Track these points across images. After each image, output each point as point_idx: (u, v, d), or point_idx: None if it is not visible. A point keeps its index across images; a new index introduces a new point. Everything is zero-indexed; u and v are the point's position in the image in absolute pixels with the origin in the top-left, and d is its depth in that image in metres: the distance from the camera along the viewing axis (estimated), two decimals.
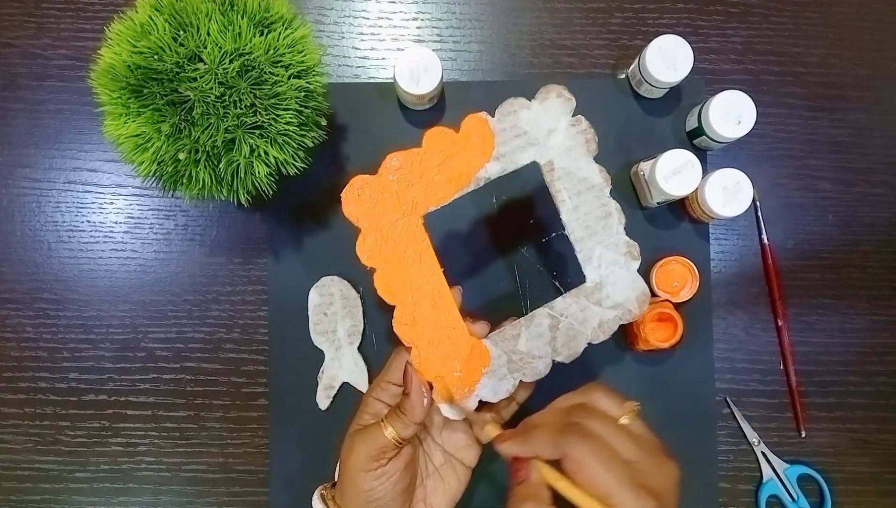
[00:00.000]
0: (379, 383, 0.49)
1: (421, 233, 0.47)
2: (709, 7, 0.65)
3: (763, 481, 0.62)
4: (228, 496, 0.62)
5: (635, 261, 0.50)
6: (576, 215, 0.49)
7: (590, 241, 0.49)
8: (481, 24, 0.65)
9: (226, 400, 0.62)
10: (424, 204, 0.47)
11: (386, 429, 0.46)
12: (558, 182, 0.49)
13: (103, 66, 0.46)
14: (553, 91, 0.49)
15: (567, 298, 0.49)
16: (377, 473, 0.45)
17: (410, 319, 0.47)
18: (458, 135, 0.48)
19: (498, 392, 0.48)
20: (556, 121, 0.49)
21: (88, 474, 0.62)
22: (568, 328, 0.49)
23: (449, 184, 0.47)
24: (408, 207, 0.47)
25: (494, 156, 0.48)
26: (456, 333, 0.47)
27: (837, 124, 0.65)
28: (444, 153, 0.47)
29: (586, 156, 0.49)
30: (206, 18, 0.45)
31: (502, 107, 0.49)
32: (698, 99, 0.62)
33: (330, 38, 0.64)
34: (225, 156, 0.47)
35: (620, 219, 0.49)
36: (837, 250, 0.64)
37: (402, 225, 0.47)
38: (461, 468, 0.51)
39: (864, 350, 0.64)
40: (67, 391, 0.62)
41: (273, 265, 0.62)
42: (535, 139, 0.49)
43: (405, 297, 0.47)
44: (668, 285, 0.61)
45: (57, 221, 0.63)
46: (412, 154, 0.47)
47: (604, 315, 0.49)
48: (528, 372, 0.48)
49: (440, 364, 0.47)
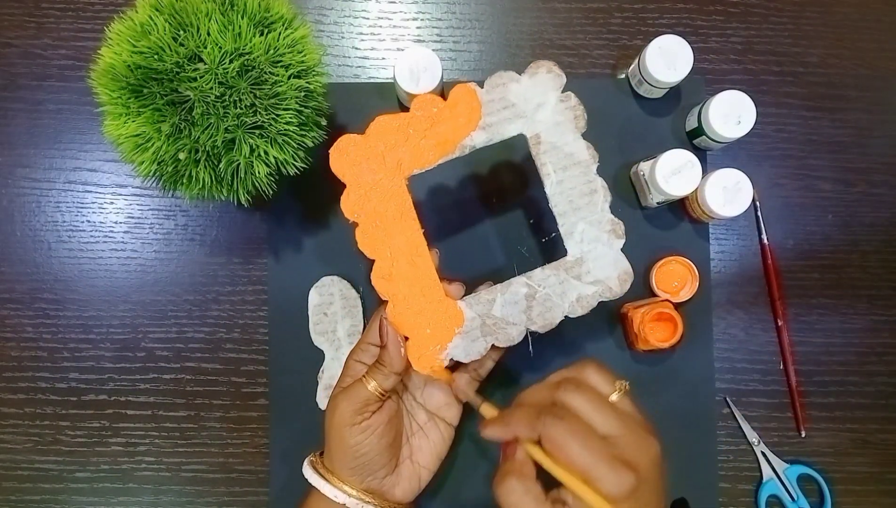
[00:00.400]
0: (360, 344, 0.51)
1: (403, 193, 0.48)
2: (709, 7, 0.65)
3: (763, 481, 0.62)
4: (228, 496, 0.62)
5: (619, 240, 0.50)
6: (560, 189, 0.49)
7: (573, 216, 0.49)
8: (481, 24, 0.65)
9: (226, 400, 0.62)
10: (409, 166, 0.48)
11: (368, 383, 0.47)
12: (544, 155, 0.49)
13: (103, 66, 0.46)
14: (543, 66, 0.50)
15: (546, 269, 0.49)
16: (362, 427, 0.47)
17: (388, 274, 0.48)
18: (445, 102, 0.49)
19: (469, 353, 0.49)
20: (545, 96, 0.49)
21: (88, 474, 0.62)
22: (545, 299, 0.49)
23: (434, 149, 0.48)
24: (392, 168, 0.48)
25: (481, 125, 0.49)
26: (431, 292, 0.48)
27: (837, 124, 0.65)
28: (431, 119, 0.48)
29: (574, 132, 0.49)
30: (206, 18, 0.45)
31: (491, 78, 0.49)
32: (698, 99, 0.62)
33: (330, 38, 0.64)
34: (225, 156, 0.47)
35: (606, 196, 0.50)
36: (837, 250, 0.64)
37: (385, 184, 0.48)
38: (444, 426, 0.53)
39: (864, 350, 0.64)
40: (67, 391, 0.62)
41: (273, 265, 0.62)
42: (522, 112, 0.49)
43: (384, 252, 0.48)
44: (668, 285, 0.61)
45: (57, 221, 0.63)
46: (399, 117, 0.48)
47: (583, 289, 0.49)
48: (501, 336, 0.49)
49: (414, 320, 0.49)
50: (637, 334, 0.58)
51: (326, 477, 0.48)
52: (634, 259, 0.62)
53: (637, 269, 0.62)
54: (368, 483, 0.49)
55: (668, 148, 0.57)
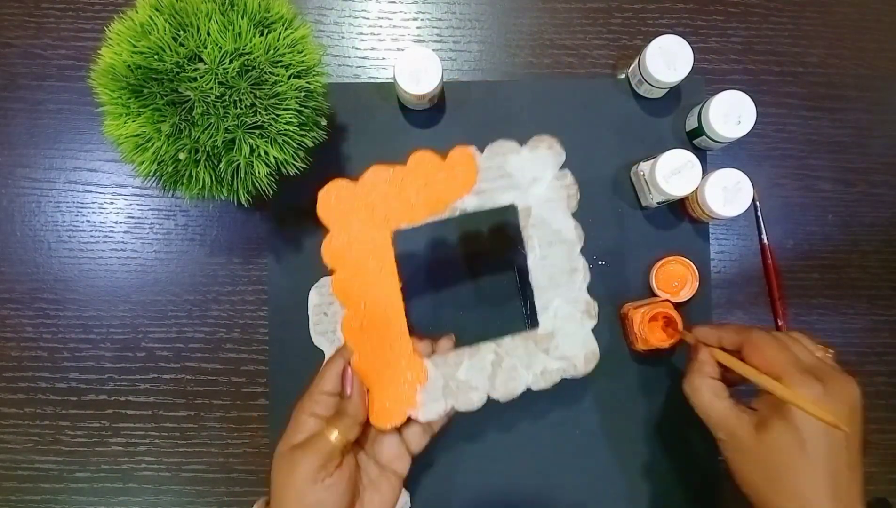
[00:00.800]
0: (311, 396, 0.48)
1: (387, 247, 0.48)
2: (709, 7, 0.65)
3: None
4: (228, 496, 0.62)
5: (591, 321, 0.51)
6: (542, 264, 0.50)
7: (551, 292, 0.50)
8: (481, 24, 0.65)
9: (226, 399, 0.62)
10: (397, 220, 0.48)
11: (331, 434, 0.45)
12: (532, 229, 0.50)
13: (103, 66, 0.46)
14: (545, 142, 0.50)
15: (516, 338, 0.50)
16: (325, 484, 0.44)
17: (358, 324, 0.48)
18: (443, 162, 0.48)
19: (428, 413, 0.49)
20: (543, 172, 0.50)
21: (88, 474, 0.62)
22: (511, 368, 0.49)
23: (425, 206, 0.48)
24: (380, 220, 0.48)
25: (475, 190, 0.49)
26: (400, 347, 0.48)
27: (837, 124, 0.65)
28: (426, 177, 0.48)
29: (565, 210, 0.50)
30: (206, 18, 0.45)
31: (492, 146, 0.50)
32: (698, 99, 0.62)
33: (330, 38, 0.64)
34: (225, 156, 0.47)
35: (586, 277, 0.51)
36: (837, 250, 0.64)
37: (370, 235, 0.48)
38: (394, 478, 0.50)
39: (864, 350, 0.64)
40: (67, 391, 0.62)
41: (273, 265, 0.62)
42: (517, 183, 0.50)
43: (358, 303, 0.48)
44: (668, 285, 0.61)
45: (57, 221, 0.63)
46: (396, 170, 0.48)
47: (549, 364, 0.50)
48: (463, 400, 0.49)
49: (378, 373, 0.48)
50: (637, 334, 0.58)
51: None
52: (635, 259, 0.62)
53: (637, 269, 0.62)
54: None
55: (668, 148, 0.57)
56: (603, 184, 0.63)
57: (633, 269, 0.63)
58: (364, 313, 0.48)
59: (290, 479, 0.44)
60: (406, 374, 0.48)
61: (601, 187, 0.63)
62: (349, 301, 0.48)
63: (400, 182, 0.48)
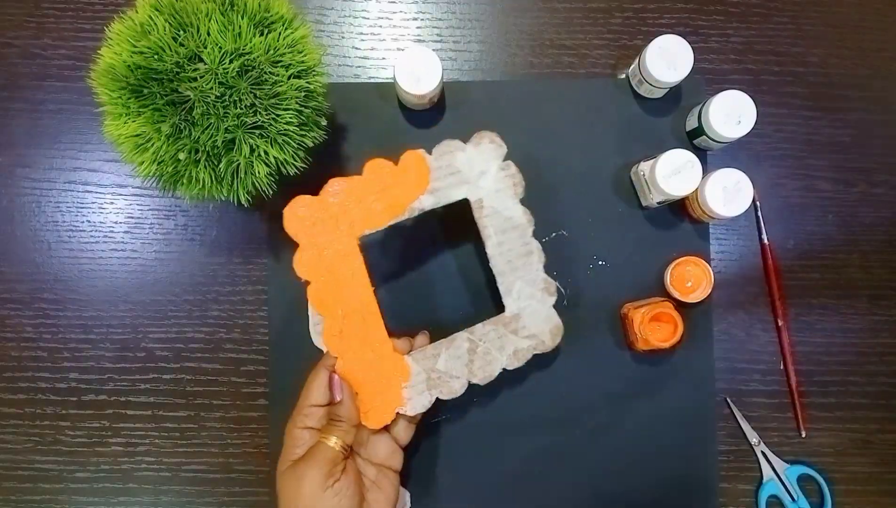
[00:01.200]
0: (301, 411, 0.49)
1: (355, 253, 0.51)
2: (709, 7, 0.65)
3: (763, 481, 0.62)
4: (228, 496, 0.62)
5: (551, 297, 0.54)
6: (500, 250, 0.53)
7: (511, 275, 0.53)
8: (481, 24, 0.65)
9: (226, 399, 0.62)
10: (360, 227, 0.51)
11: (330, 440, 0.47)
12: (486, 219, 0.53)
13: (103, 66, 0.46)
14: (486, 137, 0.53)
15: (486, 325, 0.53)
16: (335, 490, 0.46)
17: (338, 331, 0.51)
18: (396, 167, 0.52)
19: (416, 406, 0.52)
20: (488, 164, 0.53)
21: (88, 474, 0.62)
22: (485, 352, 0.53)
23: (385, 211, 0.51)
24: (345, 228, 0.51)
25: (429, 190, 0.52)
26: (380, 348, 0.51)
27: (837, 124, 0.65)
28: (382, 183, 0.51)
29: (513, 198, 0.53)
30: (206, 18, 0.45)
31: (439, 147, 0.53)
32: (698, 99, 0.62)
33: (330, 38, 0.64)
34: (225, 156, 0.47)
35: (540, 257, 0.54)
36: (837, 250, 0.64)
37: (338, 244, 0.51)
38: (392, 474, 0.52)
39: (864, 350, 0.64)
40: (67, 391, 0.62)
41: (273, 265, 0.62)
42: (467, 178, 0.53)
43: (335, 311, 0.51)
44: (682, 285, 0.61)
45: (57, 221, 0.63)
46: (352, 180, 0.51)
47: (519, 344, 0.53)
48: (445, 389, 0.52)
49: (363, 376, 0.51)
50: (637, 334, 0.58)
51: None
52: (636, 259, 0.62)
53: (637, 269, 0.62)
54: None
55: (668, 148, 0.57)
56: (603, 184, 0.63)
57: (634, 269, 0.63)
58: (342, 320, 0.51)
59: (300, 492, 0.45)
60: (389, 373, 0.51)
61: (601, 187, 0.63)
62: (326, 310, 0.51)
63: (359, 190, 0.51)
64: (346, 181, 0.51)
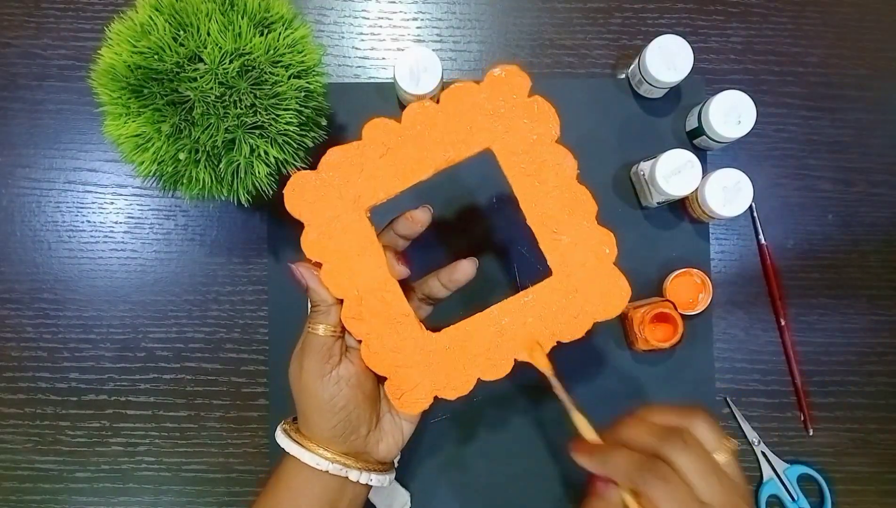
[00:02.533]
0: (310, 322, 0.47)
1: (366, 228, 0.46)
2: (709, 7, 0.65)
3: (763, 481, 0.62)
4: (228, 496, 0.62)
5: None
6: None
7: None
8: (481, 24, 0.65)
9: (226, 399, 0.62)
10: (368, 198, 0.45)
11: (317, 329, 0.45)
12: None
13: (103, 66, 0.46)
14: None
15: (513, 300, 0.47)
16: (333, 377, 0.45)
17: (357, 313, 0.46)
18: (400, 125, 0.46)
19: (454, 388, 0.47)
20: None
21: (88, 474, 0.62)
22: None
23: (395, 178, 0.45)
24: (350, 201, 0.45)
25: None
26: (405, 327, 0.46)
27: (837, 124, 0.65)
28: (384, 146, 0.45)
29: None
30: (206, 18, 0.45)
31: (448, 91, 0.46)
32: (698, 99, 0.62)
33: (330, 38, 0.64)
34: (225, 156, 0.47)
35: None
36: (837, 250, 0.64)
37: (345, 219, 0.45)
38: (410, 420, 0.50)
39: (864, 350, 0.64)
40: (67, 391, 0.62)
41: (273, 265, 0.62)
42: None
43: (351, 292, 0.46)
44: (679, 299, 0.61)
45: (57, 221, 0.63)
46: (350, 148, 0.45)
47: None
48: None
49: (390, 358, 0.46)
50: (637, 334, 0.58)
51: (304, 444, 0.46)
52: (635, 259, 0.62)
53: (637, 269, 0.62)
54: (352, 444, 0.46)
55: (668, 148, 0.57)
56: (603, 184, 0.63)
57: (633, 270, 0.62)
58: (359, 299, 0.46)
59: (302, 383, 0.45)
60: (420, 353, 0.46)
61: (601, 187, 0.63)
62: (343, 291, 0.46)
63: (359, 158, 0.45)
64: (343, 149, 0.45)
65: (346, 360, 0.46)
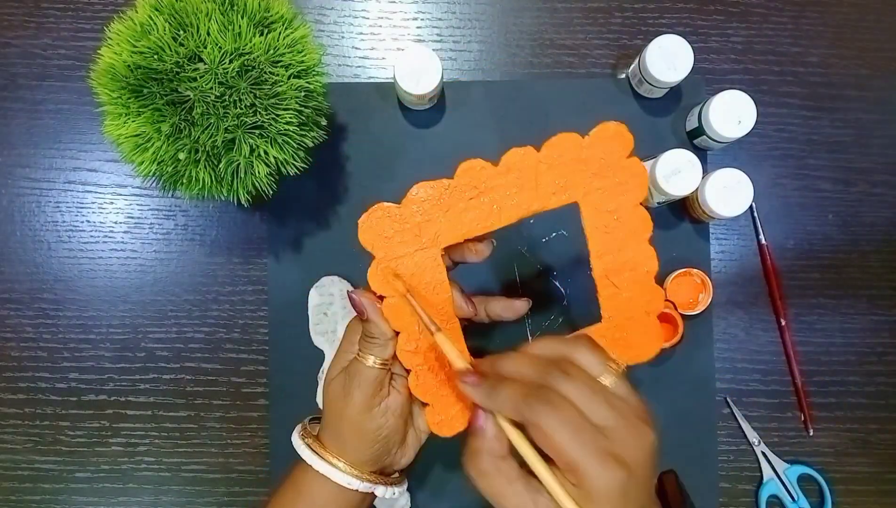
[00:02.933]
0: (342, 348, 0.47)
1: (438, 266, 0.45)
2: (709, 7, 0.65)
3: (763, 481, 0.62)
4: (228, 496, 0.62)
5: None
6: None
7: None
8: (481, 24, 0.65)
9: (226, 400, 0.62)
10: (447, 238, 0.44)
11: (367, 360, 0.44)
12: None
13: (103, 66, 0.46)
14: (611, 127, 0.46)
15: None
16: (381, 409, 0.45)
17: (414, 346, 0.45)
18: (494, 168, 0.44)
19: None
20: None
21: (88, 474, 0.62)
22: None
23: (477, 221, 0.44)
24: (428, 240, 0.44)
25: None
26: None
27: (837, 124, 0.65)
28: (476, 187, 0.44)
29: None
30: (206, 18, 0.45)
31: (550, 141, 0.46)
32: (698, 99, 0.62)
33: (330, 38, 0.64)
34: (225, 156, 0.47)
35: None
36: (837, 250, 0.64)
37: (419, 256, 0.44)
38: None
39: (864, 350, 0.64)
40: (67, 391, 0.62)
41: (273, 265, 0.62)
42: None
43: (412, 326, 0.45)
44: (679, 300, 0.61)
45: (57, 221, 0.63)
46: (439, 185, 0.44)
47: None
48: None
49: (437, 389, 0.46)
50: None
51: (334, 464, 0.45)
52: None
53: None
54: (382, 463, 0.46)
55: (668, 148, 0.57)
56: None
57: None
58: (419, 335, 0.45)
59: (347, 412, 0.45)
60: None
61: None
62: (403, 325, 0.45)
63: (448, 197, 0.44)
64: (431, 186, 0.43)
65: (394, 391, 0.46)
